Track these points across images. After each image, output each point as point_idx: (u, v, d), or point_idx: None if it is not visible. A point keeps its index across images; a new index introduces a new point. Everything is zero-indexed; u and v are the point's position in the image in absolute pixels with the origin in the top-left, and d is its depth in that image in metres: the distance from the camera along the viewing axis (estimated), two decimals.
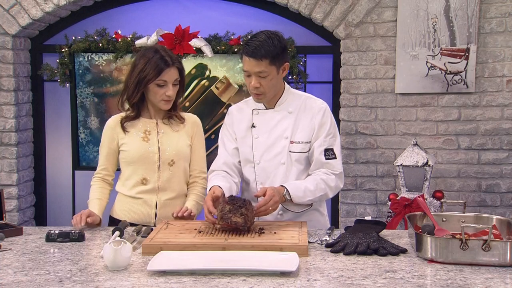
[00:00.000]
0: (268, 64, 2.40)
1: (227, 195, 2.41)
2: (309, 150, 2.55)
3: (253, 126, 2.58)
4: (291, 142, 2.53)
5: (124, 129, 2.67)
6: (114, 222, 2.73)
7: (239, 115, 2.64)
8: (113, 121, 2.71)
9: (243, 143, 2.61)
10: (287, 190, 2.43)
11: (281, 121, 2.55)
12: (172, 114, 2.70)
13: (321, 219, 2.66)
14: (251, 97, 2.61)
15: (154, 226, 2.64)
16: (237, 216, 2.23)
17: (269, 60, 2.39)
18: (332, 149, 2.54)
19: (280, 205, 2.51)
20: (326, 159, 2.52)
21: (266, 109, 2.58)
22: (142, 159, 2.64)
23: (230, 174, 2.59)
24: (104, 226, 2.65)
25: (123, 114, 2.71)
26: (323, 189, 2.50)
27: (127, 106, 2.70)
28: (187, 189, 2.77)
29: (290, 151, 2.53)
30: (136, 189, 2.68)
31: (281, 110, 2.56)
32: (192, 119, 2.77)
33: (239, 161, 2.64)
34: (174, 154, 2.67)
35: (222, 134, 2.70)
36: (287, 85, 2.60)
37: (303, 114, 2.55)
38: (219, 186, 2.45)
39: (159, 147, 2.65)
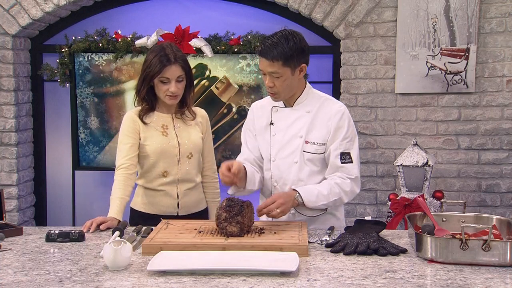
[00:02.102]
0: (281, 65, 2.38)
1: (249, 176, 2.47)
2: (324, 152, 2.53)
3: (271, 123, 2.58)
4: (306, 142, 2.51)
5: (143, 121, 2.72)
6: (136, 214, 2.79)
7: (259, 112, 2.64)
8: (133, 113, 2.76)
9: (262, 140, 2.61)
10: (299, 193, 2.42)
11: (298, 120, 2.53)
12: (183, 111, 2.77)
13: (336, 224, 2.61)
14: None
15: (178, 215, 2.74)
16: (233, 225, 2.24)
17: (282, 62, 2.37)
18: (348, 153, 2.50)
19: (282, 215, 2.50)
20: (342, 163, 2.49)
21: (285, 107, 2.57)
22: (163, 153, 2.71)
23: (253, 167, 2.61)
24: (126, 221, 2.62)
25: (137, 108, 2.77)
26: (337, 193, 2.46)
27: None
28: (202, 182, 2.89)
29: (303, 151, 2.51)
30: (157, 182, 2.74)
31: (299, 109, 2.54)
32: (201, 113, 2.87)
33: (261, 158, 2.63)
34: (192, 147, 2.76)
35: (244, 131, 2.71)
36: (308, 85, 2.58)
37: (320, 115, 2.52)
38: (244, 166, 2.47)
39: (178, 141, 2.73)
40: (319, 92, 2.63)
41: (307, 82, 2.59)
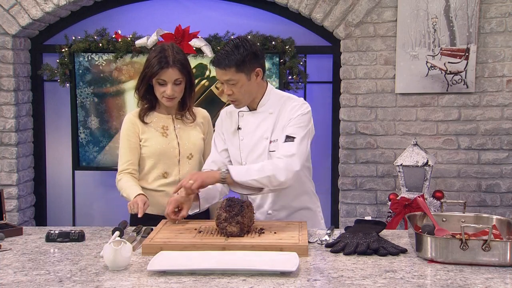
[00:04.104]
0: (234, 72, 2.42)
1: (205, 197, 2.53)
2: None
3: (239, 128, 2.62)
4: (270, 142, 2.55)
5: (143, 122, 2.73)
6: (136, 214, 2.77)
7: (228, 118, 2.69)
8: (132, 115, 2.77)
9: (231, 145, 2.65)
10: (226, 169, 2.41)
11: (263, 122, 2.57)
12: (183, 113, 2.77)
13: (314, 219, 2.66)
14: None
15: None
16: (233, 225, 2.24)
17: (234, 68, 2.41)
18: (294, 137, 2.47)
19: (268, 205, 2.56)
20: (283, 143, 2.47)
21: (250, 111, 2.61)
22: (163, 154, 2.71)
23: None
24: (126, 221, 2.62)
25: (137, 109, 2.78)
26: (270, 169, 2.39)
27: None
28: None
29: (269, 151, 2.55)
30: (158, 183, 2.74)
31: (263, 112, 2.58)
32: (203, 113, 2.87)
33: (229, 160, 2.67)
34: (192, 148, 2.76)
35: (214, 136, 2.76)
36: (269, 86, 2.61)
37: (282, 113, 2.56)
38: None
39: (178, 142, 2.74)
40: (281, 92, 2.67)
41: (268, 84, 2.61)
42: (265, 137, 2.55)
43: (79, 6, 4.45)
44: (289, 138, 2.47)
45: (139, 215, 2.44)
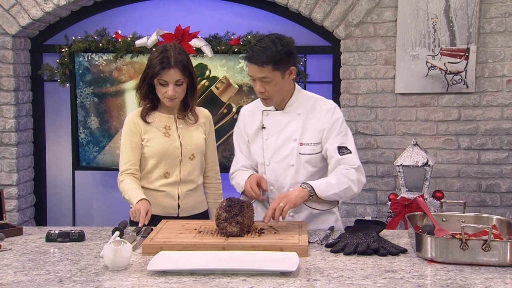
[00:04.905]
0: (271, 70, 2.38)
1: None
2: (321, 151, 2.53)
3: (263, 127, 2.58)
4: (301, 144, 2.51)
5: (145, 121, 2.71)
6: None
7: (250, 117, 2.64)
8: (134, 115, 2.75)
9: (254, 145, 2.61)
10: (308, 184, 2.39)
11: (290, 122, 2.53)
12: (185, 113, 2.75)
13: (336, 224, 2.61)
14: None
15: (178, 216, 2.71)
16: (232, 226, 2.24)
17: (271, 66, 2.37)
18: (345, 147, 2.50)
19: (289, 207, 2.49)
20: (341, 155, 2.48)
21: (276, 110, 2.57)
22: (165, 154, 2.69)
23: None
24: (126, 221, 2.62)
25: (139, 109, 2.76)
26: (345, 182, 2.43)
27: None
28: (204, 183, 2.88)
29: (300, 153, 2.51)
30: (159, 183, 2.72)
31: (290, 112, 2.54)
32: (205, 113, 2.85)
33: (256, 162, 2.64)
34: (194, 148, 2.74)
35: (235, 137, 2.72)
36: (297, 86, 2.58)
37: (312, 115, 2.52)
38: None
39: (180, 142, 2.71)
40: (308, 92, 2.64)
41: (296, 84, 2.59)
42: (293, 138, 2.52)
43: (79, 6, 4.45)
44: (345, 150, 2.48)
45: (140, 225, 2.43)
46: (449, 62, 4.12)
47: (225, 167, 4.39)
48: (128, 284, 1.86)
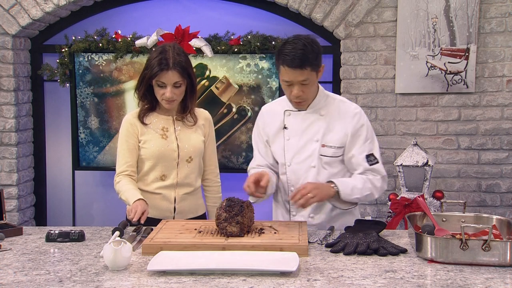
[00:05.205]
0: (310, 71, 2.37)
1: (272, 180, 2.46)
2: (342, 155, 2.52)
3: (284, 127, 2.56)
4: (323, 146, 2.50)
5: (143, 123, 2.67)
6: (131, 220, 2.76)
7: (270, 116, 2.61)
8: (131, 116, 2.71)
9: (274, 145, 2.59)
10: (335, 184, 2.41)
11: (313, 123, 2.51)
12: (184, 115, 2.71)
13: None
14: (283, 97, 2.59)
15: (174, 219, 2.67)
16: (232, 226, 2.24)
17: (310, 67, 2.36)
18: (372, 154, 2.52)
19: (310, 208, 2.52)
20: (370, 165, 2.50)
21: (299, 110, 2.54)
22: (162, 156, 2.65)
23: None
24: (126, 221, 2.60)
25: (137, 110, 2.73)
26: (369, 188, 2.48)
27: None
28: (203, 186, 2.85)
29: (321, 155, 2.50)
30: (155, 185, 2.69)
31: (313, 113, 2.52)
32: (204, 115, 2.80)
33: (274, 161, 2.62)
34: (192, 151, 2.70)
35: (254, 136, 2.69)
36: (321, 87, 2.56)
37: (337, 118, 2.51)
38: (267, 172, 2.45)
39: (178, 144, 2.67)
40: (332, 94, 2.61)
41: (319, 84, 2.56)
42: (315, 139, 2.50)
43: (79, 6, 4.45)
44: (372, 158, 2.51)
45: (134, 220, 2.39)
46: (449, 62, 4.12)
47: (225, 167, 4.40)
48: (128, 284, 1.86)
